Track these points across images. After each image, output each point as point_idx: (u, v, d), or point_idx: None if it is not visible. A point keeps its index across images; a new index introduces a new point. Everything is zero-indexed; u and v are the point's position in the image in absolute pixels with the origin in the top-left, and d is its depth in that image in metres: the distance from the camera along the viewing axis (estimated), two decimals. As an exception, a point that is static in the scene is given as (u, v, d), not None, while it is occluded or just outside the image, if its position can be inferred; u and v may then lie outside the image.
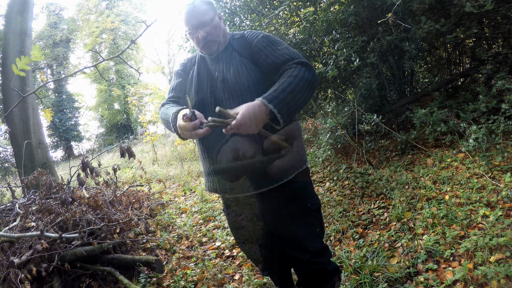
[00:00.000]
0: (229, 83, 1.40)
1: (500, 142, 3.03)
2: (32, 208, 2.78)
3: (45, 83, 1.85)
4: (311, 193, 1.51)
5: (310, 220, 1.48)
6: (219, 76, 1.43)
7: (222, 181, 1.48)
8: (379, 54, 4.42)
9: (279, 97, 1.22)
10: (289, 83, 1.25)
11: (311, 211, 1.47)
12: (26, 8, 4.78)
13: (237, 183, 1.44)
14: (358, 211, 3.00)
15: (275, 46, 1.43)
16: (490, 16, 3.92)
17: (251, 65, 1.43)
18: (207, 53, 1.47)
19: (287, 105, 1.22)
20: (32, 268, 2.07)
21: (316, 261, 1.47)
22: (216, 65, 1.47)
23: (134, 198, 3.95)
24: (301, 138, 1.53)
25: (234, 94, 1.40)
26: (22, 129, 4.45)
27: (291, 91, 1.24)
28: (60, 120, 20.75)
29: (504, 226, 2.10)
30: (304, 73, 1.29)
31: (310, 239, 1.47)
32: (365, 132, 4.47)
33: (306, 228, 1.47)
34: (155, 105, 11.83)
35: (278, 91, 1.23)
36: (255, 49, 1.44)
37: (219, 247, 2.95)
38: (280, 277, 1.79)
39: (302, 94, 1.27)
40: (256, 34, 1.50)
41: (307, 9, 4.61)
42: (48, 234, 1.04)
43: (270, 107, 1.19)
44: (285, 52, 1.40)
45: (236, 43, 1.49)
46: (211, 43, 1.43)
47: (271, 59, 1.40)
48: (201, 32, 1.40)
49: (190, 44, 5.49)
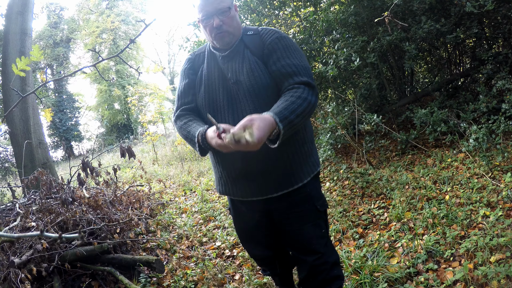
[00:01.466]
0: (243, 85, 1.33)
1: (500, 142, 3.03)
2: (32, 208, 2.78)
3: (45, 83, 1.86)
4: (320, 194, 1.48)
5: (318, 221, 1.46)
6: (232, 77, 1.36)
7: (233, 185, 1.44)
8: (379, 54, 4.42)
9: (288, 118, 1.14)
10: (299, 105, 1.18)
11: (319, 213, 1.45)
12: (26, 8, 4.78)
13: (249, 188, 1.40)
14: (358, 211, 3.00)
15: (287, 53, 1.34)
16: (491, 16, 3.92)
17: (263, 66, 1.35)
18: (220, 44, 1.36)
19: (292, 128, 1.16)
20: (32, 268, 2.07)
21: (320, 261, 1.44)
22: (228, 63, 1.38)
23: (134, 198, 3.95)
24: (314, 141, 1.50)
25: (248, 97, 1.33)
26: (22, 129, 4.45)
27: (299, 115, 1.17)
28: (60, 120, 20.77)
29: (505, 226, 2.10)
30: (311, 98, 1.24)
31: (317, 241, 1.45)
32: (365, 132, 4.47)
33: (314, 229, 1.44)
34: (155, 105, 11.85)
35: (289, 111, 1.16)
36: (267, 50, 1.36)
37: (219, 247, 2.95)
38: (281, 277, 1.79)
39: (305, 119, 1.23)
40: (271, 33, 1.39)
41: (307, 9, 4.61)
42: (48, 234, 1.04)
43: (280, 127, 1.12)
44: (295, 63, 1.31)
45: (248, 40, 1.40)
46: (225, 33, 1.33)
47: (277, 66, 1.32)
48: (216, 20, 1.30)
49: (190, 44, 5.49)
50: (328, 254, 1.48)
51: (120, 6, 23.49)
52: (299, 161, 1.39)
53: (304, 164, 1.40)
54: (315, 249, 1.44)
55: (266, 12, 4.93)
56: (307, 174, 1.40)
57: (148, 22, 1.16)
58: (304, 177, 1.39)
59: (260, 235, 1.59)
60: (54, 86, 21.24)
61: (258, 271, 2.42)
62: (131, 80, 22.22)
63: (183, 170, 6.56)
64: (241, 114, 1.32)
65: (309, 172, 1.41)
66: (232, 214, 1.64)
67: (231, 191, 1.46)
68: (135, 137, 17.88)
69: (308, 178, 1.40)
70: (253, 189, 1.40)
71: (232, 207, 1.61)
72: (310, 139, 1.46)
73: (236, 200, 1.53)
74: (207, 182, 5.17)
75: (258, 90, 1.32)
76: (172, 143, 9.97)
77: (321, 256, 1.44)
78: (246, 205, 1.51)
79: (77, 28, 22.95)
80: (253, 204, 1.47)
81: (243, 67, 1.34)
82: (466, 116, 3.56)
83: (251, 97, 1.32)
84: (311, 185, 1.43)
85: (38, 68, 20.93)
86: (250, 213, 1.52)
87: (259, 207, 1.47)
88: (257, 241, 1.63)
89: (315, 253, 1.44)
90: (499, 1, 3.64)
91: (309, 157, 1.43)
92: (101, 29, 21.94)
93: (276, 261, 1.69)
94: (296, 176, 1.38)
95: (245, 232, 1.64)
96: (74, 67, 22.59)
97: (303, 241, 1.45)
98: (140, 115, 10.95)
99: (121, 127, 22.42)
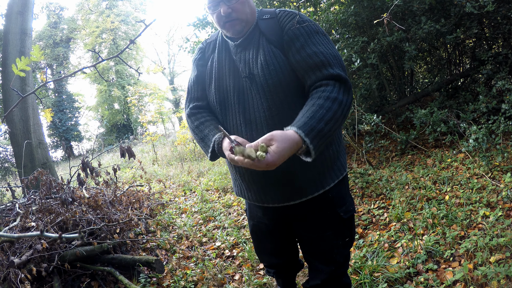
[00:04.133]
0: (256, 79, 1.15)
1: (500, 143, 3.03)
2: (32, 208, 2.78)
3: (45, 83, 1.86)
4: (344, 200, 1.30)
5: (341, 229, 1.30)
6: (244, 70, 1.18)
7: (248, 189, 1.31)
8: (379, 55, 4.43)
9: (316, 128, 0.95)
10: (328, 108, 0.98)
11: (342, 220, 1.29)
12: (26, 8, 4.78)
13: (265, 194, 1.26)
14: (358, 211, 3.00)
15: (312, 39, 1.12)
16: (490, 16, 3.92)
17: (283, 57, 1.15)
18: (231, 33, 1.19)
19: (324, 137, 0.97)
20: (32, 268, 2.07)
21: (338, 273, 1.34)
22: (241, 54, 1.20)
23: (134, 198, 3.95)
24: (341, 140, 1.32)
25: (262, 94, 1.14)
26: (22, 129, 4.45)
27: (329, 121, 0.97)
28: (60, 120, 20.79)
29: (504, 227, 2.10)
30: (343, 97, 1.03)
31: (337, 250, 1.30)
32: (365, 132, 4.47)
33: (335, 238, 1.29)
34: (155, 105, 11.85)
35: (316, 119, 0.96)
36: (287, 37, 1.15)
37: (219, 247, 2.95)
38: (285, 280, 1.73)
39: (339, 124, 1.02)
40: (291, 15, 1.18)
41: (307, 10, 4.61)
42: (48, 234, 1.04)
43: (307, 142, 0.93)
44: (322, 50, 1.10)
45: (264, 25, 1.20)
46: (235, 21, 1.15)
47: (301, 55, 1.11)
48: (224, 7, 1.13)
49: (190, 45, 5.48)
50: (346, 264, 1.37)
51: (120, 6, 23.50)
52: (324, 166, 1.21)
53: (330, 169, 1.23)
54: (335, 259, 1.31)
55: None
56: (331, 180, 1.23)
57: (148, 23, 1.16)
58: (327, 183, 1.22)
59: (273, 241, 1.48)
60: (54, 86, 21.25)
61: (258, 271, 2.42)
62: (131, 80, 22.23)
63: (183, 170, 6.56)
64: (252, 115, 1.17)
65: (334, 177, 1.24)
66: (248, 217, 1.53)
67: (246, 194, 1.33)
68: (135, 137, 17.89)
69: (332, 183, 1.23)
70: (270, 195, 1.25)
71: (248, 209, 1.51)
72: (337, 139, 1.26)
73: (252, 204, 1.41)
74: (207, 182, 5.16)
75: (274, 86, 1.13)
76: (172, 143, 9.96)
77: (340, 267, 1.33)
78: (263, 210, 1.39)
79: (77, 28, 22.96)
80: (269, 209, 1.35)
81: (258, 58, 1.16)
82: (466, 116, 3.56)
83: (265, 95, 1.14)
84: (335, 190, 1.26)
85: (38, 68, 20.94)
86: (266, 219, 1.41)
87: (276, 213, 1.35)
88: (269, 247, 1.53)
89: (334, 263, 1.31)
90: (499, 2, 3.65)
91: (336, 161, 1.25)
92: (101, 29, 21.96)
93: (284, 266, 1.61)
94: (318, 183, 1.21)
95: (259, 237, 1.52)
96: (74, 67, 22.61)
97: (323, 250, 1.31)
98: (140, 115, 10.94)
99: (121, 127, 22.43)
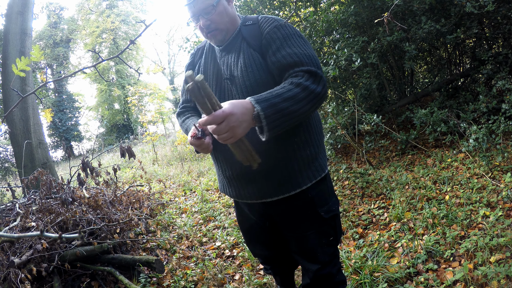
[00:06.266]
0: (236, 80, 1.22)
1: (500, 142, 3.03)
2: (32, 208, 2.78)
3: (45, 83, 1.86)
4: (327, 200, 1.34)
5: (323, 228, 1.34)
6: (225, 73, 1.26)
7: (229, 185, 1.37)
8: (379, 54, 4.42)
9: (271, 100, 0.99)
10: (289, 89, 1.04)
11: (324, 220, 1.32)
12: (26, 8, 4.78)
13: (244, 190, 1.32)
14: (358, 211, 3.00)
15: (288, 42, 1.18)
16: (491, 16, 3.92)
17: (261, 60, 1.21)
18: (213, 42, 1.29)
19: (279, 112, 0.99)
20: (32, 268, 2.07)
21: (324, 272, 1.36)
22: (224, 58, 1.28)
23: (134, 198, 3.95)
24: (322, 144, 1.36)
25: (241, 95, 1.20)
26: (22, 129, 4.45)
27: (288, 98, 1.01)
28: (60, 120, 20.79)
29: (504, 226, 2.10)
30: (312, 85, 1.07)
31: (321, 249, 1.34)
32: (365, 132, 4.47)
33: (318, 238, 1.33)
34: (155, 105, 11.84)
35: (273, 94, 1.01)
36: (265, 41, 1.22)
37: (219, 247, 2.95)
38: (283, 277, 1.76)
39: (302, 106, 1.04)
40: (270, 21, 1.25)
41: (307, 9, 4.61)
42: (48, 234, 1.04)
43: (257, 109, 0.96)
44: (296, 51, 1.15)
45: (246, 31, 1.27)
46: (215, 32, 1.24)
47: (277, 57, 1.17)
48: (203, 19, 1.21)
49: (190, 45, 5.49)
50: (334, 263, 1.39)
51: (120, 6, 23.51)
52: (301, 165, 1.26)
53: (307, 169, 1.27)
54: (318, 258, 1.35)
55: (266, 13, 4.93)
56: (308, 180, 1.27)
57: (148, 23, 1.16)
58: (303, 182, 1.26)
59: (261, 235, 1.54)
60: (54, 86, 21.26)
61: (258, 271, 2.42)
62: (131, 80, 22.24)
63: (183, 170, 6.56)
64: None
65: (311, 177, 1.28)
66: (236, 213, 1.60)
67: (227, 190, 1.40)
68: (135, 137, 17.90)
69: (309, 183, 1.27)
70: (249, 192, 1.30)
71: (235, 205, 1.57)
72: (317, 142, 1.31)
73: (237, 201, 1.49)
74: (207, 182, 5.17)
75: (251, 86, 1.19)
76: (172, 143, 9.97)
77: (325, 265, 1.36)
78: (248, 206, 1.45)
79: (77, 28, 22.97)
80: (252, 206, 1.41)
81: (238, 61, 1.23)
82: (466, 116, 3.56)
83: (245, 95, 1.17)
84: (314, 190, 1.30)
85: (38, 68, 20.95)
86: (251, 214, 1.48)
87: (259, 210, 1.41)
88: (258, 241, 1.58)
89: (319, 262, 1.35)
90: (499, 1, 3.65)
91: (314, 161, 1.29)
92: (101, 29, 21.96)
93: (279, 260, 1.65)
94: (294, 182, 1.26)
95: (247, 231, 1.60)
96: (74, 67, 22.62)
97: (306, 248, 1.36)
98: (140, 115, 10.95)
99: (121, 127, 22.44)
